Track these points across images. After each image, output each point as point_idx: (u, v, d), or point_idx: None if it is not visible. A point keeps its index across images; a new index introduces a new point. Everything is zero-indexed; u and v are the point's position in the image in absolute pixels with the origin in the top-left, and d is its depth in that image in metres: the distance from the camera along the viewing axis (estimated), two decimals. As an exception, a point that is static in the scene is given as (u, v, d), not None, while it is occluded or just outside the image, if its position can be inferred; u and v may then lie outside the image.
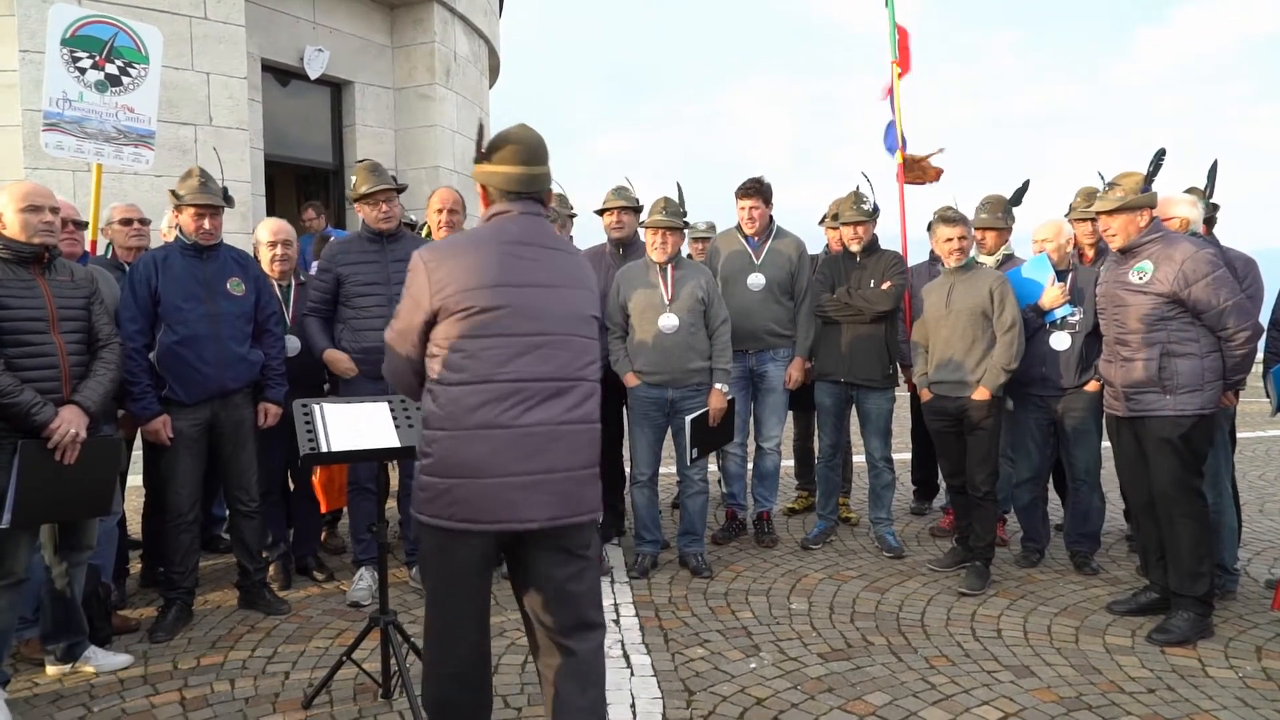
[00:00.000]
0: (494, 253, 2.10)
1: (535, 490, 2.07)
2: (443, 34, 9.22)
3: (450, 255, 2.10)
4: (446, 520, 2.07)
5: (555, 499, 2.10)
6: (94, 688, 3.16)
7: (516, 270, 2.10)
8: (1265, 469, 6.67)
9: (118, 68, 4.36)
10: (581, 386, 2.17)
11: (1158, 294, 3.44)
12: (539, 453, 2.08)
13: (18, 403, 2.87)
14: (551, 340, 2.12)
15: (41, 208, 3.03)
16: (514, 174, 2.17)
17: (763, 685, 3.14)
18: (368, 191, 3.98)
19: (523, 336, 2.08)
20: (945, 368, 4.19)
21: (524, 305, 2.09)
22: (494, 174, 2.18)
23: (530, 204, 2.19)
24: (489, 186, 2.20)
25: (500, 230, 2.14)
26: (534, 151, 2.18)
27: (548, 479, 2.09)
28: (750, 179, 4.73)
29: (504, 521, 2.06)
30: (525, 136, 2.19)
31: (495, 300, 2.07)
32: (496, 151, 2.17)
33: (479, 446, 2.04)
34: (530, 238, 2.16)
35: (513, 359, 2.07)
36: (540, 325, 2.11)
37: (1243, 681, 3.12)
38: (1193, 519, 3.47)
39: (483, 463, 2.04)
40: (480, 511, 2.05)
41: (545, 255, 2.17)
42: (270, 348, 3.91)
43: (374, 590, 3.94)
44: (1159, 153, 3.57)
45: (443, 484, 2.06)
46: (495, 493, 2.04)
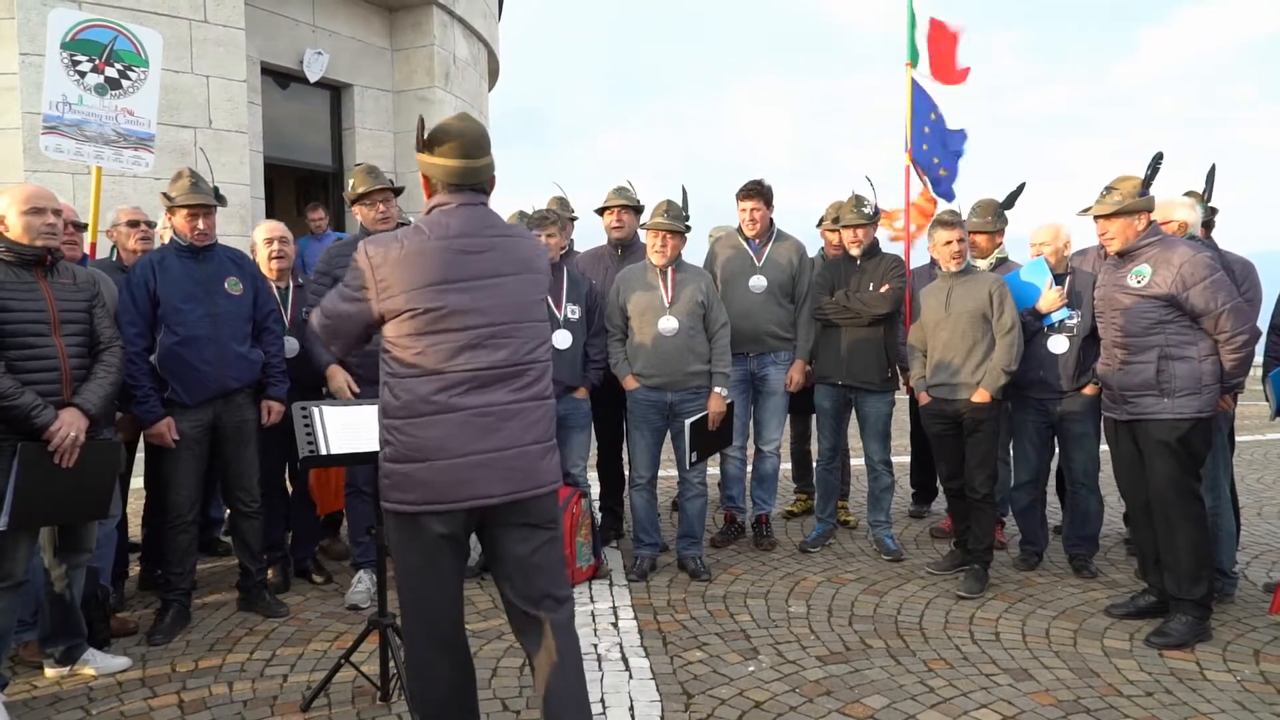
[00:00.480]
0: (436, 251, 2.14)
1: (491, 467, 2.15)
2: (442, 37, 9.23)
3: (392, 255, 2.13)
4: (410, 504, 2.15)
5: (511, 474, 2.18)
6: (92, 690, 3.16)
7: (459, 266, 2.15)
8: (1264, 472, 6.67)
9: (118, 71, 4.37)
10: (533, 369, 2.25)
11: (1155, 297, 3.45)
12: (493, 431, 2.15)
13: (18, 405, 2.87)
14: (499, 330, 2.18)
15: (44, 210, 3.04)
16: (454, 166, 2.20)
17: (761, 688, 3.14)
18: (365, 191, 3.99)
19: (470, 330, 2.14)
20: (944, 370, 4.20)
21: (469, 301, 2.14)
22: (435, 166, 2.21)
23: (472, 195, 2.23)
24: (430, 178, 2.24)
25: (441, 225, 2.18)
26: (475, 144, 2.22)
27: (502, 455, 2.16)
28: (751, 181, 4.73)
29: (463, 500, 2.14)
30: (466, 129, 2.23)
31: (440, 300, 2.12)
32: (438, 144, 2.21)
33: (435, 430, 2.12)
34: (472, 229, 2.20)
35: (461, 352, 2.14)
36: (486, 318, 2.16)
37: (1241, 685, 3.12)
38: (1191, 522, 3.47)
39: (440, 445, 2.12)
40: (441, 492, 2.13)
41: (489, 245, 2.20)
42: (270, 346, 3.92)
43: (372, 593, 3.94)
44: (1156, 156, 3.58)
45: (404, 469, 2.14)
46: (454, 472, 2.12)
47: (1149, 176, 3.56)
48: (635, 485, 4.39)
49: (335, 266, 4.00)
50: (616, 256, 4.88)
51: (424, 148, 2.22)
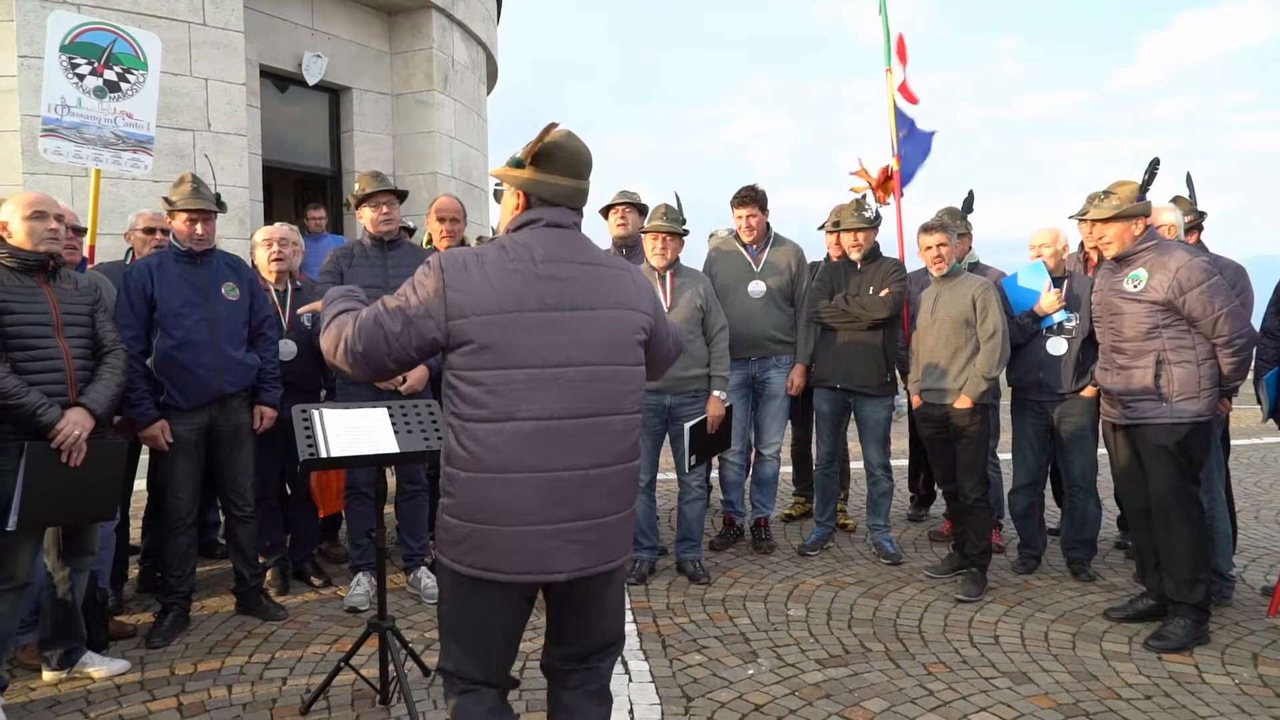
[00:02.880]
0: (519, 275, 1.88)
1: (563, 539, 1.90)
2: (441, 40, 9.24)
3: (470, 273, 1.88)
4: (467, 567, 1.92)
5: (585, 548, 1.93)
6: (91, 694, 3.16)
7: (545, 294, 1.89)
8: (1260, 476, 6.69)
9: (116, 74, 4.37)
10: (617, 421, 1.97)
11: (1152, 302, 3.46)
12: (568, 500, 1.90)
13: (23, 404, 2.89)
14: (581, 372, 1.91)
15: (47, 214, 3.07)
16: (570, 186, 1.99)
17: (760, 691, 3.14)
18: (370, 193, 4.00)
19: (550, 368, 1.88)
20: (930, 375, 4.22)
21: (549, 335, 1.88)
22: (545, 183, 1.97)
23: (567, 214, 2.00)
24: (531, 194, 1.98)
25: (529, 247, 1.92)
26: (587, 164, 2.02)
27: (577, 526, 1.91)
28: (745, 187, 4.74)
29: (531, 573, 1.90)
30: (580, 149, 2.01)
31: (514, 329, 1.86)
32: (548, 160, 1.97)
33: (502, 491, 1.87)
34: (563, 254, 1.94)
35: (537, 392, 1.86)
36: (569, 355, 1.89)
37: (1239, 688, 3.13)
38: (1189, 525, 3.48)
39: (506, 509, 1.87)
40: (503, 561, 1.89)
41: (579, 274, 1.95)
42: (265, 351, 3.91)
43: (372, 596, 3.94)
44: (1153, 162, 3.61)
45: (465, 528, 1.91)
46: (520, 542, 1.88)
47: (1146, 182, 3.58)
48: (634, 488, 4.38)
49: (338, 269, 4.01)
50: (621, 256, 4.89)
51: (530, 163, 1.97)
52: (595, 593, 2.03)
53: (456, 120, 9.57)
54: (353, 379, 2.03)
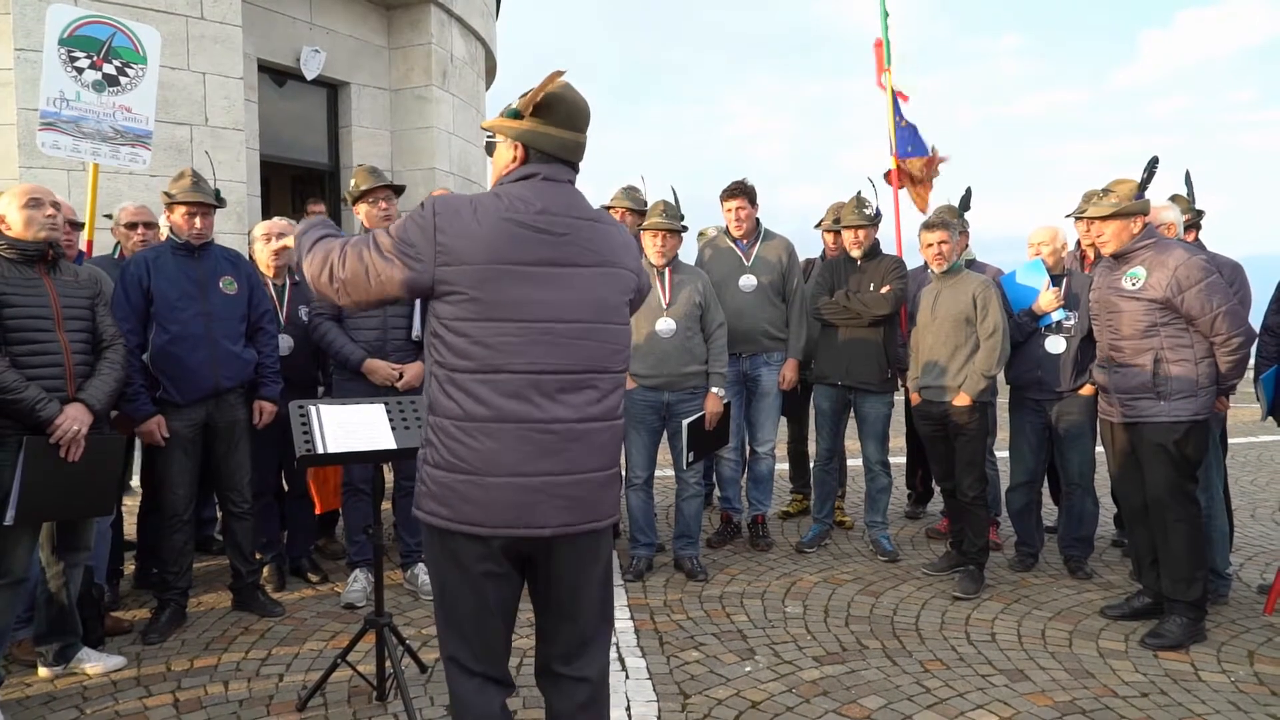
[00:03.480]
0: (515, 226, 1.85)
1: (547, 494, 1.87)
2: (439, 36, 9.22)
3: (463, 219, 1.84)
4: (449, 520, 1.88)
5: (571, 504, 1.90)
6: (87, 690, 3.15)
7: (539, 247, 1.86)
8: (1257, 474, 6.70)
9: (115, 68, 4.36)
10: (605, 379, 1.96)
11: (1150, 300, 3.46)
12: (555, 453, 1.88)
13: (22, 399, 2.88)
14: (574, 328, 1.89)
15: (43, 202, 3.07)
16: (570, 139, 1.95)
17: (758, 688, 3.14)
18: (367, 189, 4.00)
19: (540, 323, 1.86)
20: (930, 373, 4.22)
21: (539, 290, 1.86)
22: (544, 135, 1.92)
23: (565, 169, 1.97)
24: (529, 145, 1.93)
25: (526, 199, 1.89)
26: (585, 117, 1.99)
27: (561, 481, 1.89)
28: (734, 181, 4.75)
29: (512, 527, 1.87)
30: (579, 101, 1.97)
31: (505, 282, 1.83)
32: (549, 110, 1.92)
33: (488, 441, 1.84)
34: (557, 208, 1.91)
35: (527, 347, 1.85)
36: (560, 311, 1.88)
37: (1235, 686, 3.13)
38: (1186, 524, 3.49)
39: (492, 459, 1.84)
40: (487, 514, 1.86)
41: (572, 228, 1.92)
42: (264, 346, 3.91)
43: (369, 592, 3.93)
44: (1152, 161, 3.61)
45: (447, 479, 1.87)
46: (503, 494, 1.85)
47: (1145, 180, 3.58)
48: (632, 485, 4.39)
49: None
50: None
51: (529, 113, 1.92)
52: (581, 565, 1.99)
53: (455, 115, 9.55)
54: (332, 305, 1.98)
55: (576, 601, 2.01)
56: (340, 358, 3.96)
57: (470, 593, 1.94)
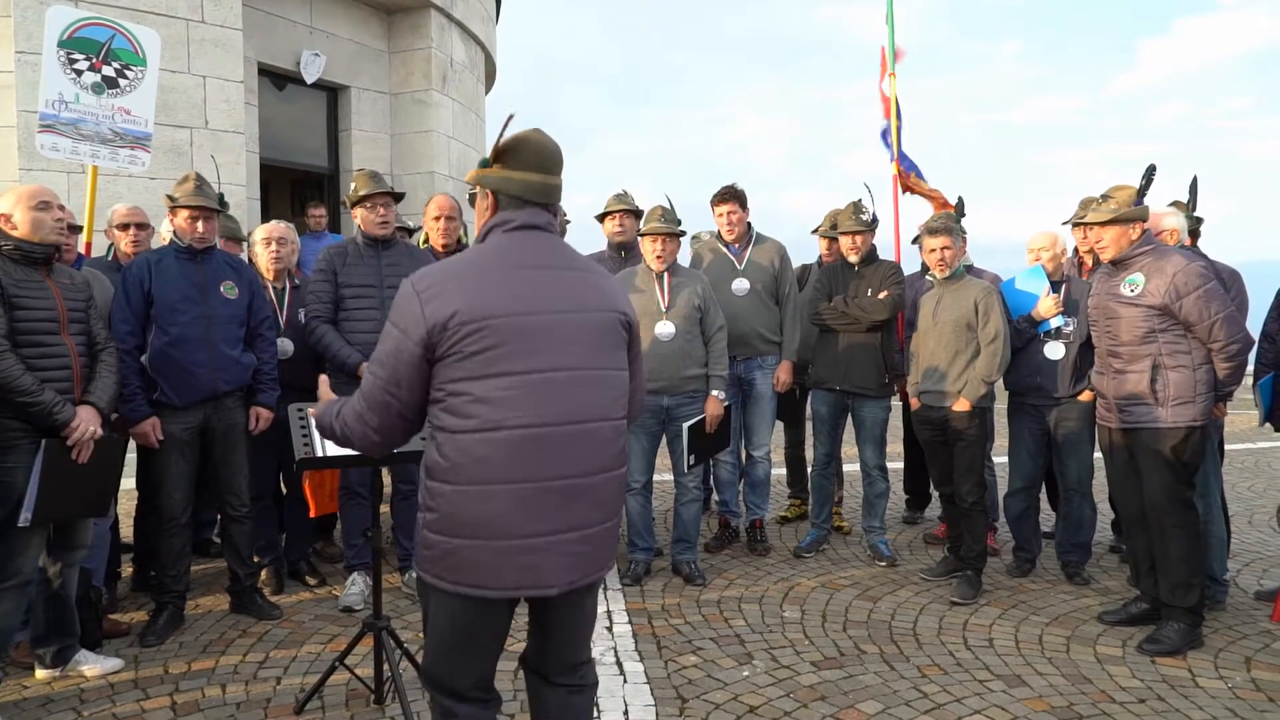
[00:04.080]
0: (499, 277, 1.84)
1: (553, 552, 1.86)
2: (440, 40, 9.24)
3: (448, 284, 1.83)
4: (453, 584, 1.86)
5: (576, 560, 1.89)
6: (84, 692, 3.15)
7: (527, 296, 1.85)
8: (1254, 480, 6.70)
9: (115, 70, 4.36)
10: (605, 428, 1.92)
11: (1149, 306, 3.46)
12: (559, 510, 1.85)
13: (40, 402, 2.91)
14: (573, 376, 1.87)
15: (51, 204, 3.10)
16: (537, 182, 1.93)
17: (756, 693, 3.14)
18: (366, 194, 4.00)
19: (538, 374, 1.83)
20: (930, 378, 4.23)
21: (537, 337, 1.83)
22: (511, 180, 1.93)
23: (541, 214, 1.95)
24: (500, 193, 1.94)
25: (505, 250, 1.89)
26: (554, 159, 1.97)
27: (568, 538, 1.87)
28: (725, 186, 4.76)
29: (520, 588, 1.86)
30: (546, 143, 1.96)
31: (502, 333, 1.81)
32: (513, 155, 1.93)
33: (490, 505, 1.81)
34: (543, 257, 1.91)
35: (527, 400, 1.81)
36: (555, 359, 1.85)
37: (1232, 692, 3.14)
38: (1184, 530, 3.49)
39: (495, 522, 1.81)
40: (492, 576, 1.83)
41: (561, 278, 1.91)
42: (262, 352, 3.90)
43: (367, 595, 3.93)
44: (1150, 168, 3.62)
45: (449, 544, 1.84)
46: (509, 556, 1.83)
47: (1143, 187, 3.59)
48: (630, 490, 4.38)
49: (335, 265, 4.00)
50: (619, 259, 4.90)
51: (495, 161, 1.94)
52: (580, 608, 2.03)
53: (454, 120, 9.56)
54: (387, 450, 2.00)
55: (573, 633, 2.05)
56: (337, 361, 3.95)
57: (467, 646, 1.94)
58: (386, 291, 3.99)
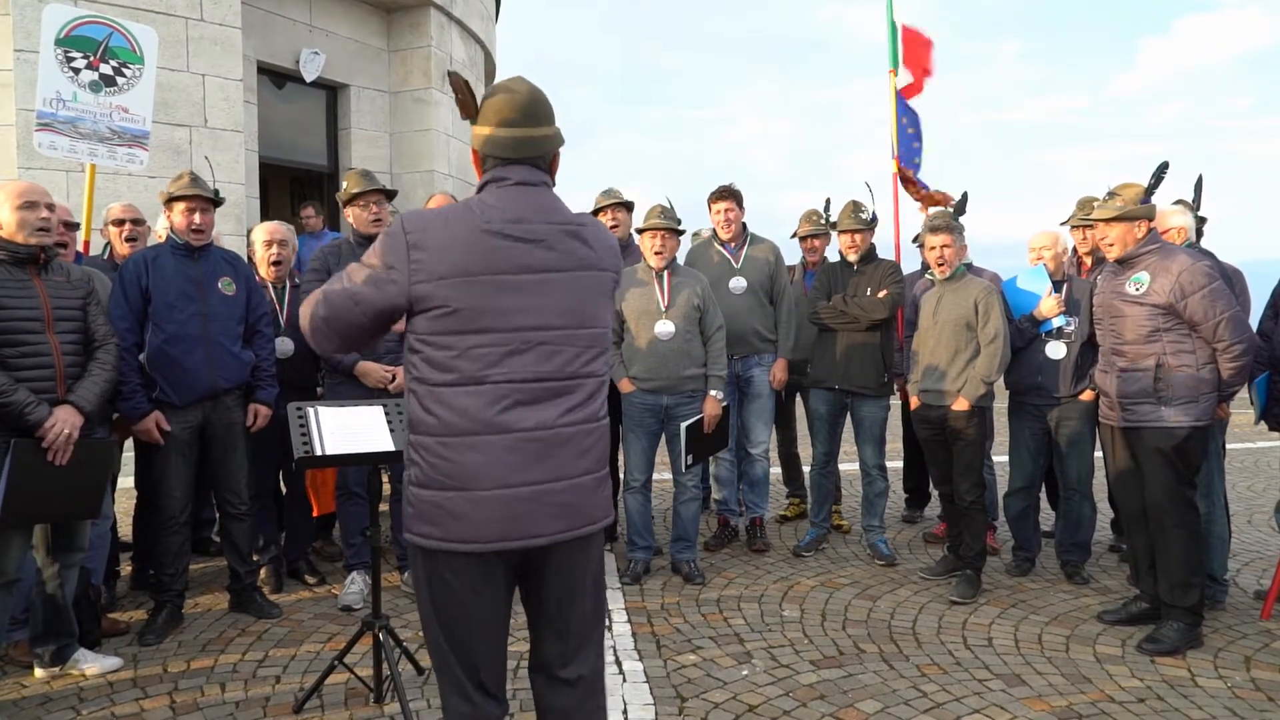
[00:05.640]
0: (482, 238, 1.81)
1: (539, 502, 1.84)
2: (439, 39, 9.22)
3: (434, 233, 1.81)
4: (440, 541, 1.83)
5: (562, 510, 1.87)
6: (83, 691, 3.15)
7: (508, 257, 1.82)
8: (1254, 480, 6.71)
9: (112, 68, 4.35)
10: (587, 384, 1.92)
11: (1154, 305, 3.45)
12: (542, 459, 1.84)
13: (11, 401, 2.86)
14: (552, 336, 1.86)
15: (38, 204, 3.03)
16: (503, 136, 1.87)
17: (755, 692, 3.14)
18: (358, 193, 3.99)
19: (517, 332, 1.83)
20: (930, 377, 4.23)
21: (517, 299, 1.83)
22: (480, 136, 1.90)
23: (529, 172, 1.89)
24: (479, 152, 1.92)
25: (497, 208, 1.85)
26: (528, 108, 1.88)
27: (552, 488, 1.86)
28: (722, 185, 4.77)
29: (506, 540, 1.83)
30: (518, 90, 1.89)
31: (483, 293, 1.80)
32: (492, 112, 1.89)
33: (475, 454, 1.81)
34: (528, 214, 1.86)
35: (506, 358, 1.82)
36: (536, 320, 1.84)
37: (1232, 691, 3.13)
38: (1185, 530, 3.48)
39: (480, 472, 1.81)
40: (478, 528, 1.81)
41: (546, 234, 1.87)
42: (261, 348, 3.90)
43: (366, 594, 3.93)
44: (1162, 166, 3.59)
45: (434, 497, 1.83)
46: (495, 507, 1.81)
47: (1152, 185, 3.56)
48: (629, 488, 4.39)
49: (327, 266, 3.99)
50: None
51: (474, 116, 1.91)
52: (573, 571, 1.95)
53: (454, 118, 9.55)
54: (326, 350, 1.98)
55: (570, 606, 1.98)
56: (332, 361, 3.96)
57: (461, 613, 1.89)
58: None
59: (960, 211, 4.87)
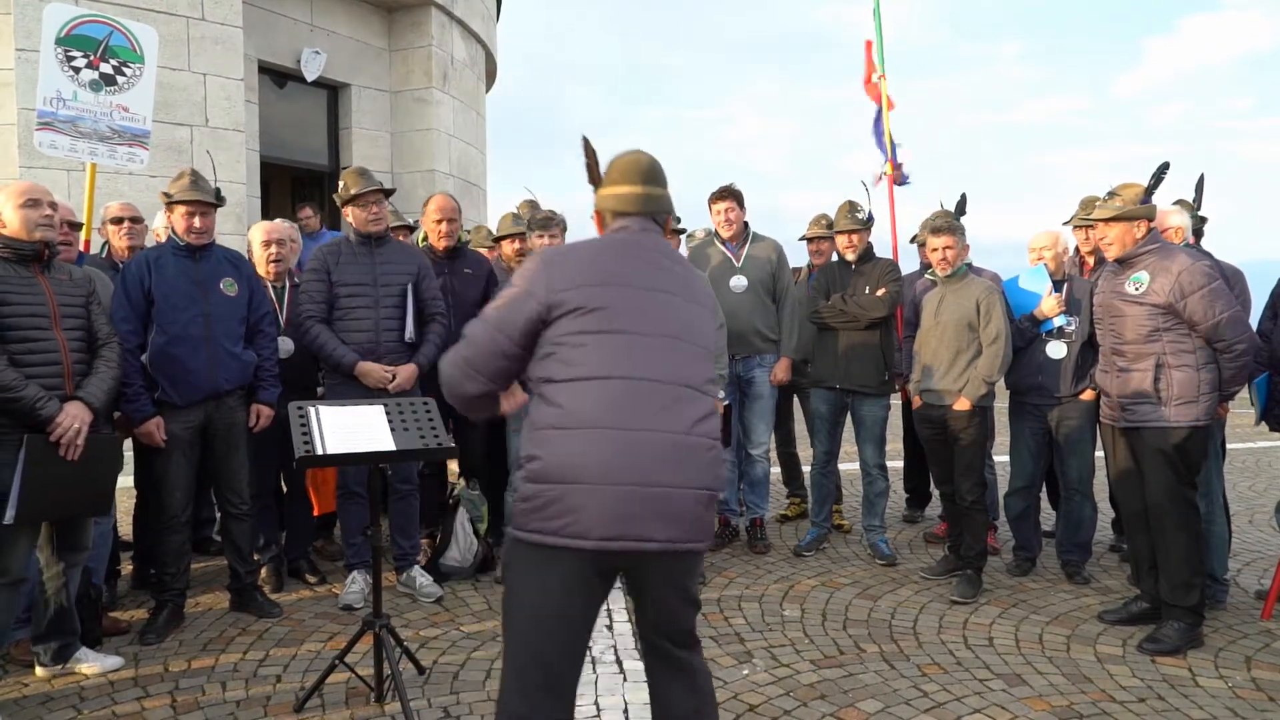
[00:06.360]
0: (616, 252, 2.05)
1: (654, 506, 1.84)
2: (440, 38, 9.23)
3: (570, 254, 2.05)
4: (553, 536, 1.84)
5: (676, 519, 1.87)
6: (84, 690, 3.15)
7: (638, 271, 2.02)
8: (1255, 480, 6.71)
9: (113, 67, 4.36)
10: (704, 400, 1.98)
11: (1153, 305, 3.45)
12: (664, 463, 1.86)
13: (22, 397, 2.88)
14: (674, 343, 1.98)
15: (40, 202, 3.06)
16: (628, 193, 2.13)
17: (755, 692, 3.14)
18: (357, 193, 3.98)
19: (644, 336, 1.94)
20: (931, 376, 4.23)
21: (647, 304, 1.98)
22: (607, 195, 2.15)
23: (646, 222, 2.13)
24: (603, 211, 2.16)
25: (623, 241, 2.09)
26: (648, 172, 2.15)
27: (670, 493, 1.86)
28: (722, 185, 4.76)
29: (618, 539, 1.83)
30: (639, 156, 2.17)
31: (616, 296, 1.95)
32: (609, 173, 2.17)
33: (596, 450, 1.83)
34: (652, 247, 2.10)
35: (633, 353, 1.91)
36: (661, 326, 1.97)
37: (1232, 691, 3.13)
38: (1185, 529, 3.48)
39: (600, 468, 1.82)
40: (594, 524, 1.81)
41: (665, 266, 2.08)
42: (263, 349, 3.89)
43: (366, 594, 3.93)
44: (1162, 166, 3.58)
45: (552, 491, 1.84)
46: (612, 503, 1.82)
47: (1152, 185, 3.56)
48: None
49: (329, 263, 3.99)
50: None
51: (599, 183, 2.17)
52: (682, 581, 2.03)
53: (455, 118, 9.56)
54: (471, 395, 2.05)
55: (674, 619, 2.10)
56: (332, 361, 3.94)
57: (551, 612, 1.90)
58: (381, 289, 3.98)
59: (960, 212, 4.87)
